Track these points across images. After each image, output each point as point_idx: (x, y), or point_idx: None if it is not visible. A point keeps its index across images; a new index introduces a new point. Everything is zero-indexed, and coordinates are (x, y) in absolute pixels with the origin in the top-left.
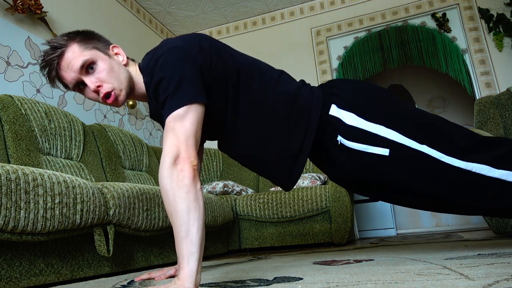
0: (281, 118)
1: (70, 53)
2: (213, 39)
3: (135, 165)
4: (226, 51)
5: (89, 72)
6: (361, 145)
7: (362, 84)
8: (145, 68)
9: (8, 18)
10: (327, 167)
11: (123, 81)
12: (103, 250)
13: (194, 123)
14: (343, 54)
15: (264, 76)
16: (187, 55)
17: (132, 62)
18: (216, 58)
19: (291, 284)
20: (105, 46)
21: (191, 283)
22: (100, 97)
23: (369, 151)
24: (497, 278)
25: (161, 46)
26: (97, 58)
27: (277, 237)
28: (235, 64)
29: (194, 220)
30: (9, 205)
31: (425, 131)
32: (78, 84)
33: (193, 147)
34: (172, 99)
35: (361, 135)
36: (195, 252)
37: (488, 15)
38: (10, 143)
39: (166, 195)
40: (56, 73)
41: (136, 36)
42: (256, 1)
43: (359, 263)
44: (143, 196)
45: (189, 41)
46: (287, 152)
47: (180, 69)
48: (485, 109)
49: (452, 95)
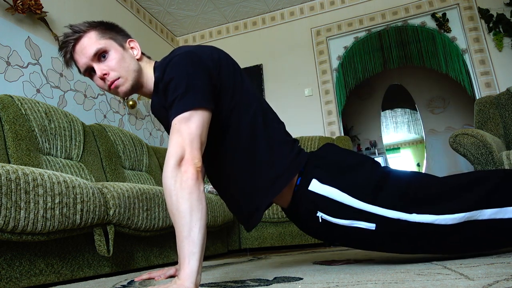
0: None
1: (86, 39)
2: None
3: (135, 165)
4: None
5: (101, 60)
6: (346, 221)
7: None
8: (159, 66)
9: (8, 18)
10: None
11: (130, 73)
12: (103, 250)
13: (199, 126)
14: (343, 54)
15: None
16: (199, 60)
17: (147, 59)
18: (225, 71)
19: (291, 284)
20: (122, 39)
21: (192, 283)
22: (106, 85)
23: (354, 226)
24: (497, 278)
25: (179, 49)
26: (111, 48)
27: (277, 237)
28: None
29: (197, 220)
30: (9, 205)
31: (413, 200)
32: (89, 70)
33: (198, 149)
34: (180, 102)
35: (345, 211)
36: (196, 252)
37: (488, 15)
38: (10, 143)
39: (169, 195)
40: (71, 55)
41: (136, 36)
42: (256, 1)
43: (359, 263)
44: (143, 196)
45: (203, 48)
46: (249, 199)
47: (191, 72)
48: (485, 109)
49: (452, 95)
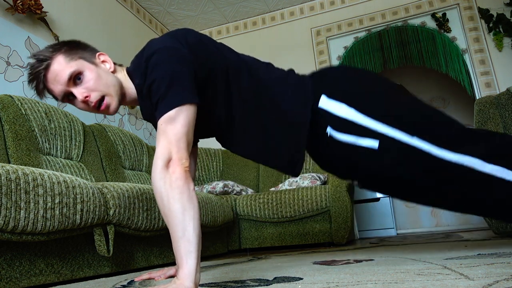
0: (273, 111)
1: (56, 65)
2: (199, 34)
3: (135, 165)
4: (213, 45)
5: (77, 83)
6: (350, 136)
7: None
8: (136, 71)
9: (8, 18)
10: (320, 158)
11: (112, 89)
12: (103, 250)
13: (185, 124)
14: (343, 54)
15: (252, 69)
16: (177, 54)
17: (120, 68)
18: (204, 52)
19: (291, 284)
20: (91, 55)
21: (191, 282)
22: (90, 107)
23: (358, 144)
24: (497, 278)
25: (150, 46)
26: (84, 68)
27: (277, 237)
28: (223, 59)
29: (190, 219)
30: (9, 205)
31: (416, 123)
32: (67, 96)
33: (184, 149)
34: (163, 101)
35: (350, 127)
36: (192, 251)
37: (488, 15)
38: (10, 143)
39: (160, 197)
40: (44, 85)
41: (136, 36)
42: (256, 1)
43: (359, 263)
44: (143, 196)
45: (177, 38)
46: (286, 143)
47: (171, 69)
48: (485, 109)
49: (452, 95)
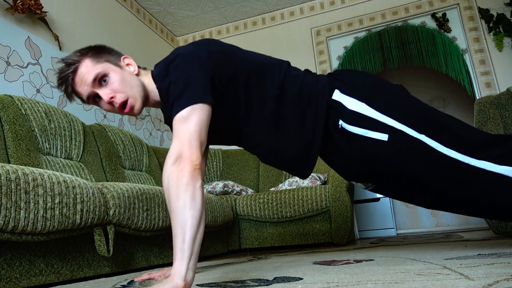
0: (292, 111)
1: (83, 68)
2: (222, 43)
3: (135, 165)
4: (234, 53)
5: (102, 84)
6: (361, 129)
7: (367, 74)
8: (159, 74)
9: (8, 18)
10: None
11: (136, 90)
12: (103, 250)
13: (198, 123)
14: (343, 54)
15: (273, 73)
16: (196, 59)
17: (144, 71)
18: (226, 61)
19: (291, 284)
20: (116, 58)
21: (180, 279)
22: (116, 108)
23: (368, 136)
24: (497, 278)
25: (173, 52)
26: (109, 71)
27: (277, 237)
28: (244, 65)
29: (188, 218)
30: (9, 205)
31: (424, 121)
32: (93, 97)
33: (196, 147)
34: (178, 101)
35: (361, 120)
36: (186, 249)
37: (488, 15)
38: (10, 143)
39: (167, 193)
40: (72, 88)
41: (136, 36)
42: (256, 1)
43: (359, 263)
44: (143, 196)
45: (199, 46)
46: (302, 142)
47: (187, 72)
48: (485, 109)
49: (452, 95)
